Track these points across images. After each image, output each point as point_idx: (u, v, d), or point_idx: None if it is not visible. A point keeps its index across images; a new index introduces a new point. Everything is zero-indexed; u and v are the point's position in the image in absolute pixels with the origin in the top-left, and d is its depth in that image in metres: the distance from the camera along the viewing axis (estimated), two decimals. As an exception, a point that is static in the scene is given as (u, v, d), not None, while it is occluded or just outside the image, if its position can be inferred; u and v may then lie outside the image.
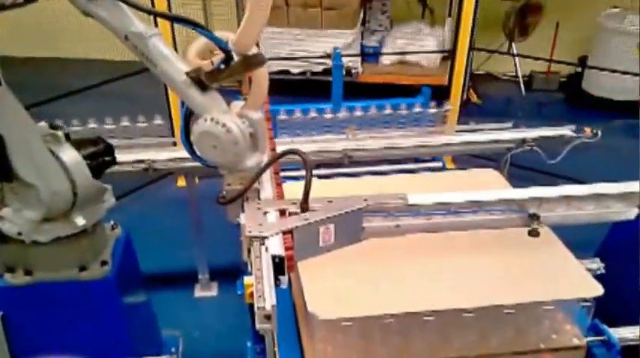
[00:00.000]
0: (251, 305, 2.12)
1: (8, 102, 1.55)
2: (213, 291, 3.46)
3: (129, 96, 5.14)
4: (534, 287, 1.61)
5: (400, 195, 1.72)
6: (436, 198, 1.75)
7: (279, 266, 1.42)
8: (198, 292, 3.46)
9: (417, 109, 3.36)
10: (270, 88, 1.75)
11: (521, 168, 3.81)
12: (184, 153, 2.94)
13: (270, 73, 1.73)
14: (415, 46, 5.99)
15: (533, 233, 1.74)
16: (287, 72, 5.87)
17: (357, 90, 4.91)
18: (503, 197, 1.80)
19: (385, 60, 6.07)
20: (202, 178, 3.23)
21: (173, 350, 2.37)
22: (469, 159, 3.73)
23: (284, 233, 1.48)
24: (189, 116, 1.62)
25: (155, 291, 2.45)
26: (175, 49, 3.73)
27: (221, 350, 2.96)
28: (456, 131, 3.28)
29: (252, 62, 1.54)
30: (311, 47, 5.75)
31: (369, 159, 3.01)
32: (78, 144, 1.73)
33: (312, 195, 1.63)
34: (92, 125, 3.17)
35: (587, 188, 1.83)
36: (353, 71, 5.86)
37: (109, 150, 1.83)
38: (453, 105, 4.47)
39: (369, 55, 6.10)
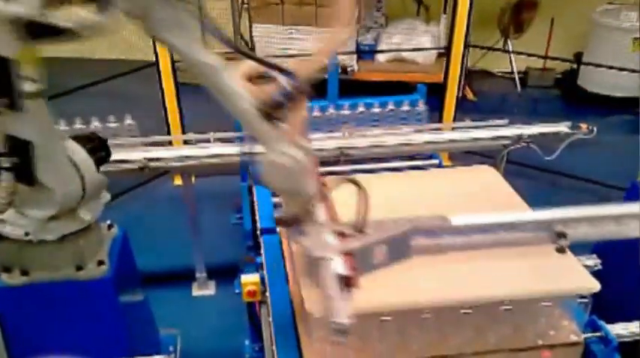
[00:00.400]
0: (249, 304, 2.13)
1: (42, 112, 1.57)
2: (210, 290, 3.46)
3: (125, 95, 5.13)
4: (532, 284, 1.61)
5: (443, 218, 1.76)
6: (477, 219, 1.76)
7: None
8: (196, 291, 3.46)
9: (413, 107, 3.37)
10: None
11: (518, 164, 3.82)
12: (180, 152, 2.98)
13: (266, 72, 1.72)
14: (410, 43, 5.97)
15: (561, 250, 1.75)
16: (283, 70, 5.86)
17: (353, 88, 4.90)
18: (539, 218, 1.81)
19: (381, 57, 6.07)
20: (199, 177, 3.22)
21: (171, 348, 2.36)
22: (466, 156, 3.73)
23: (345, 253, 1.53)
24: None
25: (152, 290, 2.45)
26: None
27: (219, 349, 2.96)
28: (453, 128, 3.29)
29: (310, 94, 1.56)
30: (306, 45, 5.74)
31: (365, 156, 3.02)
32: (76, 141, 1.74)
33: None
34: (63, 127, 3.14)
35: (610, 208, 1.84)
36: (348, 69, 5.85)
37: (104, 145, 1.84)
38: (449, 103, 4.49)
39: (365, 53, 6.10)
